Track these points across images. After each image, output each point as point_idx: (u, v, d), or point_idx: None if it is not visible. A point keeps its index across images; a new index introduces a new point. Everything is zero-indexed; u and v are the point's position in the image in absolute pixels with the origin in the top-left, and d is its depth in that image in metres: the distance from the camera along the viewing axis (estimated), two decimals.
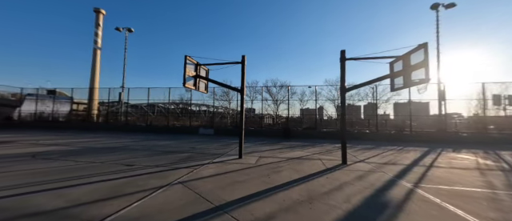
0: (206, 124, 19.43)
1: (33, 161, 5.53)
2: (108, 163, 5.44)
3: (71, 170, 4.65)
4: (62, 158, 5.93)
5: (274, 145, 10.43)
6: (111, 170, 4.73)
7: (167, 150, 8.06)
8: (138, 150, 7.92)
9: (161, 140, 11.47)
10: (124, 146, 8.94)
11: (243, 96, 6.73)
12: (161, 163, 5.56)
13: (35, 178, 3.97)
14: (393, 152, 8.53)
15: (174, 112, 24.55)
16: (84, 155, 6.50)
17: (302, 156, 7.18)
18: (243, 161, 6.11)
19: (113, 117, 22.95)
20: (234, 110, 26.22)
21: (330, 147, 9.77)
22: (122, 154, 6.82)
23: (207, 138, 13.19)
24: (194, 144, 10.03)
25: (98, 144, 9.24)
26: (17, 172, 4.42)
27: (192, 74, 6.70)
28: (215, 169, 5.09)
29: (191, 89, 6.96)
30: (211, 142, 10.92)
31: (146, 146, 9.09)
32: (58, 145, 8.65)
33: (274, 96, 23.17)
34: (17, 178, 4.01)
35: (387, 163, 6.20)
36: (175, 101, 24.26)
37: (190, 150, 7.96)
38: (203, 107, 27.95)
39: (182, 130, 17.41)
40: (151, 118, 22.44)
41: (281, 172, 4.88)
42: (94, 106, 27.18)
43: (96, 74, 42.51)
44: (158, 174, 4.55)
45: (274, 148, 9.20)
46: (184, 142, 10.60)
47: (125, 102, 21.85)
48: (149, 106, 26.54)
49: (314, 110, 24.92)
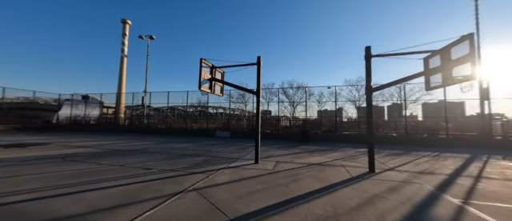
0: (223, 127, 19.57)
1: (61, 163, 5.87)
2: (127, 167, 5.56)
3: (93, 173, 4.80)
4: (87, 161, 6.22)
5: (292, 149, 9.99)
6: (129, 174, 4.78)
7: (184, 153, 8.11)
8: (157, 152, 8.08)
9: (179, 143, 11.70)
10: (144, 148, 9.23)
11: (259, 98, 6.48)
12: (177, 167, 5.53)
13: (60, 181, 4.13)
14: (428, 159, 7.59)
15: (192, 115, 25.25)
16: (107, 158, 6.77)
17: (323, 162, 6.68)
18: (260, 166, 5.84)
19: (137, 120, 24.31)
20: (249, 113, 26.15)
21: (352, 152, 9.06)
22: (142, 157, 6.98)
23: (223, 141, 13.18)
24: (211, 147, 10.02)
25: (121, 146, 9.68)
26: (45, 174, 4.67)
27: (207, 76, 6.64)
28: (231, 175, 4.89)
29: (207, 92, 6.92)
30: (227, 145, 10.84)
31: (165, 148, 9.29)
32: (86, 147, 9.23)
33: (290, 98, 22.62)
34: (44, 180, 4.21)
35: (423, 172, 5.45)
36: (193, 104, 24.98)
37: (206, 154, 7.91)
38: (220, 110, 28.36)
39: (199, 132, 17.72)
40: (171, 121, 23.29)
41: (301, 181, 4.50)
42: (121, 110, 29.16)
43: (123, 80, 45.76)
44: (174, 179, 4.47)
45: (292, 152, 8.78)
46: (201, 145, 10.67)
47: (147, 106, 23.01)
48: (169, 109, 27.72)
49: (332, 111, 23.76)
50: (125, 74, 46.43)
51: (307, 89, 17.53)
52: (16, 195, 3.31)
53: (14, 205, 2.96)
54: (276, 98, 20.72)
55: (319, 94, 20.14)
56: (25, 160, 6.08)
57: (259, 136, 6.40)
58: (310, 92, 18.97)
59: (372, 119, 5.52)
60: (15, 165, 5.46)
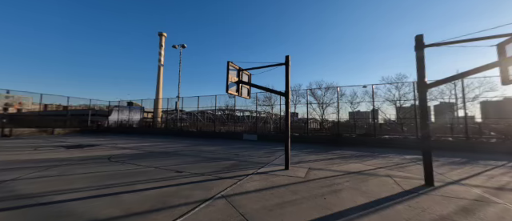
0: (250, 130, 19.57)
1: (107, 163, 6.46)
2: (161, 169, 5.78)
3: (132, 175, 5.09)
4: (128, 162, 6.72)
5: (323, 154, 9.22)
6: (163, 177, 4.92)
7: (213, 156, 8.18)
8: (188, 155, 8.34)
9: (208, 145, 12.00)
10: (177, 151, 9.67)
11: (288, 100, 6.09)
12: (206, 171, 5.51)
13: (104, 181, 4.45)
14: (504, 170, 6.04)
15: (220, 118, 26.05)
16: (144, 159, 7.23)
17: (363, 170, 5.88)
18: (291, 173, 5.42)
19: (171, 123, 26.22)
20: (276, 115, 25.65)
21: (397, 159, 7.86)
22: (174, 160, 7.25)
23: (251, 144, 13.06)
24: (239, 150, 9.95)
25: (157, 148, 10.36)
26: (93, 174, 5.13)
27: (234, 79, 6.56)
28: (260, 182, 4.61)
29: (234, 95, 6.84)
30: (255, 149, 10.64)
31: (195, 151, 9.57)
32: (129, 148, 10.13)
33: (318, 99, 21.46)
34: (91, 179, 4.60)
35: (504, 189, 4.27)
36: (221, 107, 25.76)
37: (234, 158, 7.83)
38: (246, 113, 28.62)
39: (227, 135, 18.05)
40: (201, 124, 24.40)
41: (339, 192, 3.95)
42: (159, 114, 31.91)
43: (160, 87, 50.31)
44: (203, 184, 4.41)
45: (324, 158, 8.07)
46: (229, 148, 10.71)
47: (180, 110, 24.62)
48: (199, 112, 29.19)
49: (366, 112, 21.60)
50: (161, 81, 50.96)
51: (339, 89, 16.26)
52: (66, 194, 3.63)
53: (61, 204, 3.21)
54: (303, 99, 19.84)
55: (351, 94, 18.54)
56: (80, 160, 6.89)
57: (289, 140, 5.99)
58: (340, 92, 17.60)
59: (428, 121, 4.58)
60: (72, 164, 6.19)
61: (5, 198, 3.35)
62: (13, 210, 2.95)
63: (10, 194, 3.56)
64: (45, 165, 5.94)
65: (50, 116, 25.50)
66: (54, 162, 6.45)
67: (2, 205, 3.11)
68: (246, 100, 22.85)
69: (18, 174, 4.81)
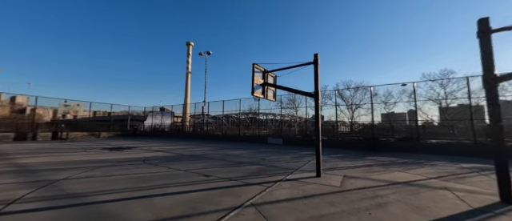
0: (274, 133, 19.21)
1: (142, 165, 6.85)
2: (190, 172, 5.86)
3: (164, 177, 5.25)
4: (160, 164, 7.03)
5: (358, 160, 8.38)
6: (192, 180, 4.95)
7: (239, 160, 8.09)
8: (215, 159, 8.41)
9: (234, 149, 12.04)
10: (204, 154, 9.88)
11: (318, 101, 5.66)
12: (234, 176, 5.40)
13: (139, 183, 4.65)
14: None
15: (244, 122, 26.27)
16: (175, 162, 7.50)
17: (411, 181, 5.08)
18: (323, 181, 4.95)
19: (198, 127, 27.41)
20: (301, 119, 24.81)
21: (452, 168, 6.67)
22: (202, 163, 7.36)
23: (276, 148, 12.70)
24: (264, 155, 9.71)
25: (186, 151, 10.76)
26: (129, 176, 5.44)
27: (260, 82, 6.39)
28: (291, 190, 4.28)
29: (260, 97, 6.68)
30: (281, 153, 10.27)
31: (221, 155, 9.65)
32: (161, 151, 10.74)
33: (347, 100, 20.06)
34: (128, 181, 4.85)
35: None
36: (245, 111, 25.99)
37: (261, 162, 7.61)
38: (270, 116, 28.34)
39: (251, 139, 18.00)
40: (226, 128, 24.92)
41: (386, 207, 3.39)
42: (187, 119, 33.76)
43: (188, 93, 53.41)
44: (231, 190, 4.28)
45: (360, 165, 7.30)
46: (254, 153, 10.55)
47: (206, 115, 25.59)
48: (224, 116, 29.96)
49: (401, 114, 19.36)
50: (189, 87, 54.06)
51: (372, 88, 14.89)
52: (106, 194, 3.85)
53: (101, 205, 3.38)
54: (330, 101, 18.75)
55: (386, 94, 16.80)
56: (119, 161, 7.47)
57: (320, 144, 5.53)
58: (373, 92, 16.08)
59: (500, 122, 3.69)
60: (113, 165, 6.73)
61: (56, 197, 3.69)
62: (61, 209, 3.19)
63: (60, 193, 3.92)
64: (91, 166, 6.56)
65: (98, 121, 29.03)
66: (99, 163, 7.10)
67: (53, 203, 3.41)
68: (269, 103, 22.62)
69: (69, 174, 5.36)
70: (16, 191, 3.90)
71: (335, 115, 16.35)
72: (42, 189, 4.10)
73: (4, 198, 3.52)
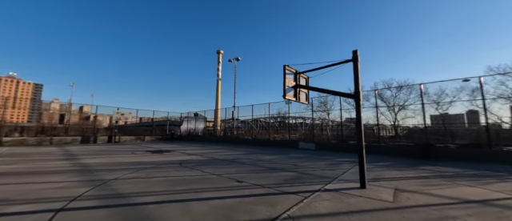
0: (306, 137, 18.34)
1: (179, 168, 7.21)
2: (223, 177, 5.87)
3: (198, 181, 5.36)
4: (195, 168, 7.29)
5: (409, 169, 7.19)
6: (225, 186, 4.91)
7: (271, 166, 7.83)
8: (246, 163, 8.34)
9: (264, 154, 11.84)
10: (235, 158, 9.94)
11: (360, 102, 5.04)
12: (267, 183, 5.16)
13: (176, 186, 4.82)
14: None
15: (273, 126, 25.94)
16: (208, 166, 7.68)
17: (491, 199, 4.01)
18: (371, 194, 4.30)
19: (229, 131, 28.22)
20: (334, 122, 23.20)
21: None
22: (234, 168, 7.35)
23: (309, 154, 12.00)
24: (296, 160, 9.22)
25: (218, 155, 11.03)
26: (168, 178, 5.73)
27: (291, 84, 6.08)
28: (332, 202, 3.82)
29: (291, 100, 6.36)
30: (315, 159, 9.60)
31: (253, 159, 9.54)
32: (195, 155, 11.26)
33: (388, 101, 17.91)
34: (166, 183, 5.09)
35: None
36: (274, 115, 25.68)
37: (294, 169, 7.20)
38: (299, 120, 27.37)
39: (281, 143, 17.53)
40: (255, 132, 24.98)
41: None
42: (218, 123, 35.23)
43: (218, 98, 55.98)
44: (266, 198, 4.05)
45: (413, 175, 6.22)
46: (286, 158, 10.14)
47: (236, 119, 26.19)
48: (253, 121, 30.20)
49: (457, 115, 16.17)
50: (220, 93, 56.65)
51: (422, 86, 12.91)
52: (147, 196, 4.07)
53: (142, 206, 3.54)
54: (367, 102, 16.97)
55: (437, 92, 14.30)
56: (160, 164, 8.04)
57: (363, 150, 4.88)
58: (417, 91, 13.92)
59: None
60: (154, 167, 7.26)
61: (107, 196, 4.06)
62: (110, 209, 3.46)
63: (111, 192, 4.31)
64: (136, 167, 7.20)
65: (143, 127, 32.64)
66: (143, 165, 7.76)
67: (105, 202, 3.74)
68: (299, 106, 21.82)
69: (119, 175, 5.94)
70: (78, 189, 4.45)
71: (376, 118, 14.71)
72: (97, 188, 4.59)
73: (69, 195, 4.03)
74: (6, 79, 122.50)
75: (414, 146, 11.11)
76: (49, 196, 3.95)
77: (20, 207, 3.39)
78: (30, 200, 3.72)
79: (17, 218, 2.99)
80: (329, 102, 22.15)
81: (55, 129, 23.88)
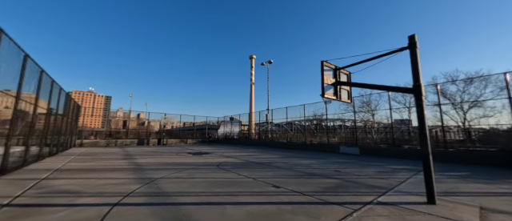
0: (348, 141, 16.67)
1: (216, 170, 7.38)
2: (259, 181, 5.68)
3: (234, 184, 5.30)
4: (232, 170, 7.34)
5: (496, 182, 5.53)
6: (262, 191, 4.69)
7: (310, 171, 7.25)
8: (282, 168, 7.97)
9: (301, 158, 11.20)
10: (270, 162, 9.67)
11: (422, 98, 4.11)
12: (306, 190, 4.71)
13: (214, 188, 4.86)
14: None
15: (308, 128, 24.65)
16: (244, 169, 7.64)
17: None
18: (445, 212, 3.38)
19: (263, 134, 28.21)
20: (379, 124, 20.53)
21: None
22: (270, 172, 7.09)
23: (352, 159, 10.76)
24: (338, 166, 8.33)
25: (252, 158, 10.97)
26: (206, 179, 5.87)
27: (331, 81, 5.50)
28: (392, 219, 3.13)
29: (331, 99, 5.75)
30: (360, 166, 8.49)
31: (289, 163, 9.09)
32: (231, 157, 11.49)
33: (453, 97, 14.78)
34: (205, 185, 5.20)
35: None
36: (309, 117, 24.42)
37: (336, 175, 6.47)
38: (338, 122, 25.27)
39: (319, 147, 16.38)
40: (290, 135, 24.22)
41: None
42: (252, 127, 35.74)
43: (252, 102, 57.06)
44: (306, 207, 3.64)
45: (504, 190, 4.73)
46: (326, 163, 9.31)
47: (270, 122, 25.99)
48: (287, 124, 29.43)
49: None
50: (253, 97, 57.68)
51: (508, 76, 10.09)
52: (188, 196, 4.18)
53: (183, 206, 3.61)
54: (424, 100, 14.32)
55: None
56: (199, 165, 8.44)
57: (430, 157, 3.93)
58: (497, 83, 10.89)
59: None
60: (194, 168, 7.63)
61: (154, 194, 4.35)
62: (155, 207, 3.65)
63: (157, 190, 4.63)
64: (180, 168, 7.71)
65: (185, 130, 35.78)
66: (185, 165, 8.28)
67: (151, 200, 4.00)
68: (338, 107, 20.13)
69: (165, 174, 6.43)
70: (131, 186, 4.95)
71: (437, 118, 12.25)
72: (146, 186, 5.02)
73: (123, 191, 4.49)
74: (87, 93, 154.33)
75: (498, 153, 8.67)
76: (109, 191, 4.49)
77: (86, 199, 3.92)
78: (95, 194, 4.28)
79: (82, 209, 3.43)
80: (373, 101, 19.79)
81: (119, 133, 28.43)
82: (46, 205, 3.61)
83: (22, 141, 7.49)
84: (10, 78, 5.79)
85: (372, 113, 20.56)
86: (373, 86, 5.03)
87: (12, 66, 5.78)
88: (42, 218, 3.09)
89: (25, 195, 4.09)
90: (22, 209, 3.42)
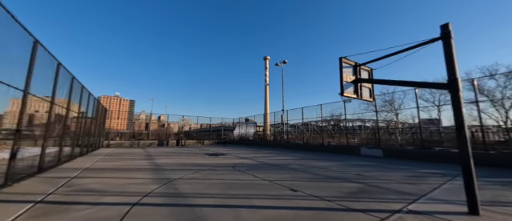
0: (369, 142, 15.72)
1: (232, 171, 7.35)
2: (275, 183, 5.50)
3: (250, 187, 5.19)
4: (247, 172, 7.25)
5: None
6: (278, 194, 4.52)
7: (328, 174, 6.89)
8: (298, 170, 7.69)
9: (318, 160, 10.76)
10: (286, 163, 9.41)
11: (459, 93, 3.64)
12: (326, 195, 4.44)
13: (229, 190, 4.80)
14: None
15: (325, 129, 23.76)
16: (259, 170, 7.51)
17: None
18: None
19: (278, 135, 27.86)
20: (404, 124, 19.09)
21: None
22: (286, 174, 6.87)
23: (375, 162, 10.06)
24: (360, 169, 7.81)
25: (268, 160, 10.80)
26: (222, 181, 5.85)
27: (350, 78, 5.16)
28: None
29: (351, 98, 5.38)
30: (385, 169, 7.88)
31: (305, 166, 8.76)
32: (247, 158, 11.43)
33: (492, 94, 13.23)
34: (220, 187, 5.16)
35: None
36: (326, 118, 23.54)
37: (358, 179, 6.05)
38: (357, 122, 24.03)
39: (337, 149, 15.65)
40: (307, 137, 23.58)
41: None
42: (268, 128, 35.53)
43: (267, 103, 56.83)
44: (326, 214, 3.40)
45: None
46: (345, 165, 8.81)
47: (285, 123, 25.57)
48: (303, 124, 28.72)
49: None
50: (268, 98, 57.45)
51: None
52: (203, 198, 4.16)
53: (199, 208, 3.58)
54: None
55: None
56: (215, 166, 8.50)
57: (471, 161, 3.45)
58: None
59: None
60: (210, 169, 7.69)
61: (171, 195, 4.41)
62: (172, 208, 3.68)
63: (174, 191, 4.69)
64: (196, 168, 7.82)
65: (202, 132, 36.74)
66: (202, 166, 8.39)
67: (169, 201, 4.05)
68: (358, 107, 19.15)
69: (182, 175, 6.55)
70: (150, 186, 5.09)
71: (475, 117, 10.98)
72: (164, 186, 5.13)
73: (143, 191, 4.62)
74: (113, 98, 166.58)
75: None
76: (130, 190, 4.66)
77: (109, 198, 4.09)
78: (117, 193, 4.46)
79: (104, 208, 3.57)
80: (396, 100, 18.52)
81: (141, 134, 30.09)
82: (73, 203, 3.82)
83: (57, 142, 8.19)
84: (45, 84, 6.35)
85: (396, 112, 19.23)
86: (399, 82, 4.58)
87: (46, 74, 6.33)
88: (68, 215, 3.27)
89: (56, 193, 4.40)
90: (53, 206, 3.66)
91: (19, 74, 4.93)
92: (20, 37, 4.81)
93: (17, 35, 4.70)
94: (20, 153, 5.20)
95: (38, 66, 5.52)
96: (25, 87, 5.07)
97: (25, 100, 5.07)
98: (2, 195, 4.11)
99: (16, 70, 4.90)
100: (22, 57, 5.02)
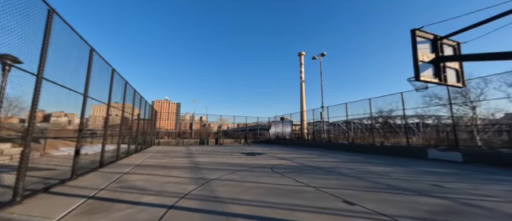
0: (439, 143, 12.68)
1: (270, 174, 6.74)
2: (322, 191, 4.62)
3: (290, 193, 4.47)
4: (286, 175, 6.52)
5: None
6: (328, 207, 3.66)
7: (390, 183, 5.53)
8: (349, 175, 6.50)
9: (372, 164, 9.11)
10: (332, 166, 8.23)
11: None
12: (398, 213, 3.34)
13: (267, 197, 4.18)
14: None
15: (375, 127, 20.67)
16: (300, 174, 6.67)
17: None
18: None
19: (317, 134, 25.90)
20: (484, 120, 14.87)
21: None
22: (334, 180, 5.84)
23: (453, 168, 7.82)
24: (436, 178, 6.05)
25: (309, 161, 9.76)
26: (259, 185, 5.28)
27: (429, 57, 3.83)
28: None
29: (431, 83, 4.04)
30: (473, 179, 5.90)
31: (356, 170, 7.43)
32: (285, 159, 10.66)
33: None
34: (257, 192, 4.60)
35: None
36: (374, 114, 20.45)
37: (438, 192, 4.56)
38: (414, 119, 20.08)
39: (394, 150, 13.17)
40: (352, 136, 21.06)
41: None
42: (305, 126, 33.69)
43: (303, 100, 54.28)
44: None
45: None
46: (411, 172, 7.07)
47: (325, 121, 23.51)
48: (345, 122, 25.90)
49: None
50: (304, 95, 54.79)
51: None
52: (238, 205, 3.67)
53: (232, 218, 3.10)
54: None
55: None
56: (252, 167, 8.07)
57: None
58: None
59: None
60: (247, 170, 7.28)
61: (206, 198, 4.09)
62: (205, 215, 3.30)
63: (210, 193, 4.38)
64: (233, 169, 7.55)
65: (239, 131, 37.61)
66: (238, 166, 8.10)
67: (203, 205, 3.71)
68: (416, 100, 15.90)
69: (218, 175, 6.32)
70: (188, 186, 4.95)
71: None
72: (201, 187, 4.91)
73: (181, 191, 4.48)
74: (163, 102, 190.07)
75: None
76: (168, 190, 4.59)
77: (149, 198, 4.04)
78: (156, 192, 4.43)
79: (144, 209, 3.47)
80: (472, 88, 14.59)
81: (185, 133, 32.80)
82: (117, 201, 3.90)
83: (116, 140, 9.26)
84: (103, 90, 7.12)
85: (472, 104, 15.15)
86: None
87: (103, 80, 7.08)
88: (109, 216, 3.25)
89: (107, 189, 4.67)
90: (100, 203, 3.79)
91: (81, 85, 5.55)
92: (79, 44, 5.36)
93: (77, 42, 5.24)
94: (83, 150, 5.85)
95: (94, 70, 6.15)
96: (84, 91, 5.67)
97: (84, 103, 5.67)
98: (65, 188, 4.57)
99: (78, 78, 5.50)
100: (81, 66, 5.62)
